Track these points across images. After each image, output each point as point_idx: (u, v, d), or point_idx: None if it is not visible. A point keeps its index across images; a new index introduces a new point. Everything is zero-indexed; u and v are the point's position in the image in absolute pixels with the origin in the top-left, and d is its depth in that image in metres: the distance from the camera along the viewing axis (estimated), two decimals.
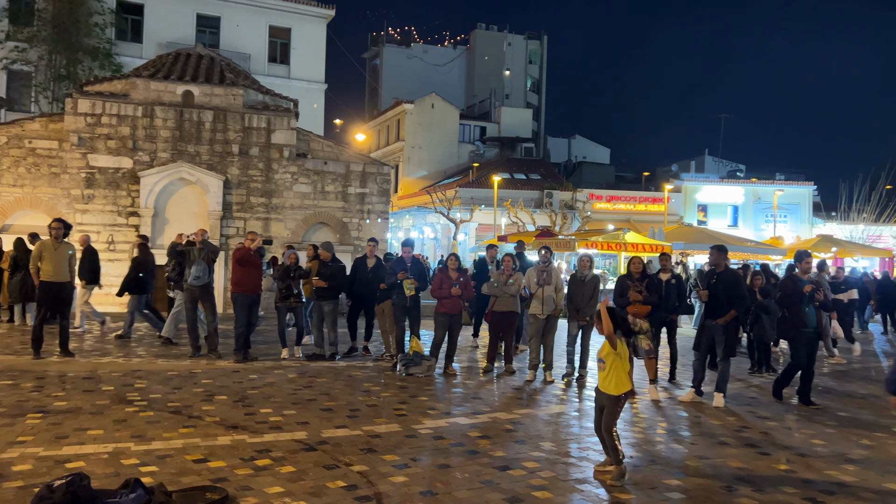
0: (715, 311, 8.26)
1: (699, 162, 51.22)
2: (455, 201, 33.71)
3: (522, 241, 13.62)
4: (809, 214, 41.33)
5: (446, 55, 58.74)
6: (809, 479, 5.46)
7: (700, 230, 31.51)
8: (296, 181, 18.14)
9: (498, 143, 48.38)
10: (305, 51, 30.22)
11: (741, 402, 8.49)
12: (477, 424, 6.86)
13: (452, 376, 9.39)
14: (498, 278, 9.73)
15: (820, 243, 27.86)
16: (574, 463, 5.72)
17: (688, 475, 5.46)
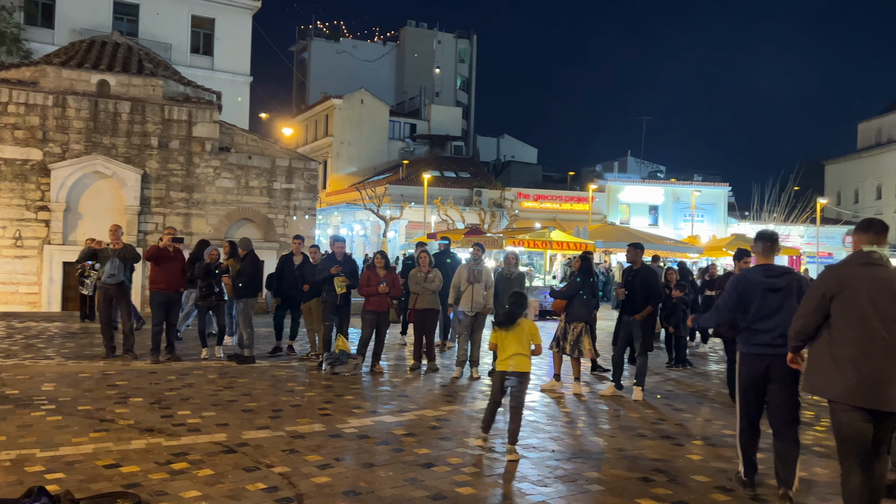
0: (632, 307, 8.50)
1: (622, 162, 52.79)
2: (385, 198, 33.56)
3: (449, 238, 13.68)
4: (724, 214, 43.24)
5: (376, 51, 58.39)
6: (721, 468, 5.69)
7: (622, 229, 32.52)
8: (218, 176, 17.63)
9: (428, 141, 48.47)
10: (230, 42, 29.39)
11: (658, 394, 8.78)
12: (403, 422, 6.84)
13: (379, 374, 9.33)
14: (416, 275, 9.73)
15: (734, 242, 29.17)
16: (498, 458, 5.78)
17: (607, 468, 5.61)
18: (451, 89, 59.69)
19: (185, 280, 10.10)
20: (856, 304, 4.00)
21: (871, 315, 3.95)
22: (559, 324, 8.95)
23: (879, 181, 55.72)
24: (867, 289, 3.99)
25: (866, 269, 4.06)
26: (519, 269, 9.90)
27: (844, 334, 4.02)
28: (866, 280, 4.01)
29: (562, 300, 8.86)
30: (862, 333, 3.97)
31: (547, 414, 7.49)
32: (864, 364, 3.92)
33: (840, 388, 3.99)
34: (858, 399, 3.93)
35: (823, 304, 4.11)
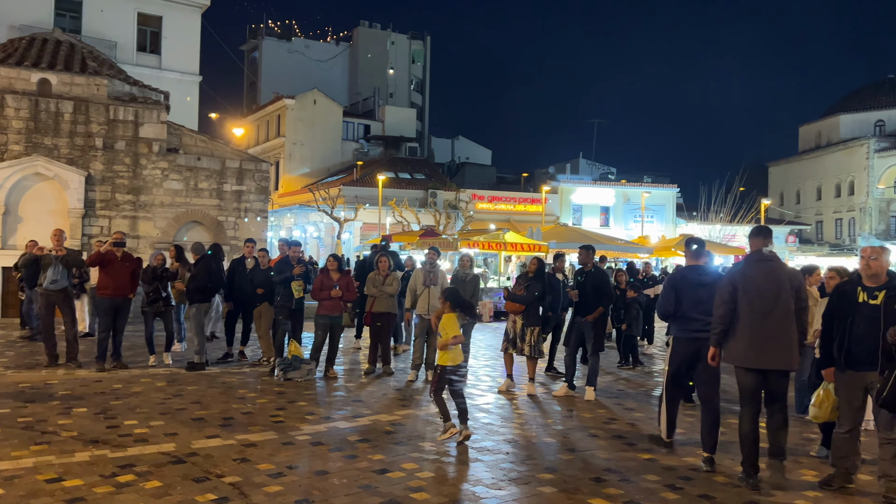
0: (584, 309, 8.63)
1: (574, 164, 53.50)
2: (339, 200, 33.28)
3: (389, 236, 13.67)
4: (673, 215, 44.27)
5: (329, 51, 57.87)
6: (670, 466, 5.82)
7: (574, 230, 32.97)
8: (166, 177, 17.22)
9: (382, 142, 48.27)
10: (178, 40, 28.70)
11: (610, 394, 8.93)
12: (357, 428, 6.79)
13: (333, 379, 9.25)
14: (374, 279, 9.69)
15: (682, 242, 29.85)
16: (452, 462, 5.79)
17: (559, 469, 5.67)
18: (406, 90, 59.58)
19: (135, 285, 9.83)
20: (749, 291, 5.31)
21: (757, 298, 5.26)
22: (509, 325, 8.95)
23: (819, 182, 57.80)
24: (757, 278, 5.32)
25: (759, 264, 5.39)
26: (474, 272, 9.94)
27: (742, 315, 5.33)
28: (758, 272, 5.34)
29: (518, 304, 8.88)
30: (751, 312, 5.28)
31: (501, 416, 7.54)
32: (751, 336, 5.28)
33: (737, 354, 5.38)
34: (747, 362, 5.33)
35: (733, 293, 5.37)
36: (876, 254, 5.12)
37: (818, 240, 54.88)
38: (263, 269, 10.24)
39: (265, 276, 10.07)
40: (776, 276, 5.34)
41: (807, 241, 51.69)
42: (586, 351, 8.85)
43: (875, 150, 52.44)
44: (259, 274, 10.21)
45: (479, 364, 10.85)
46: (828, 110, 60.97)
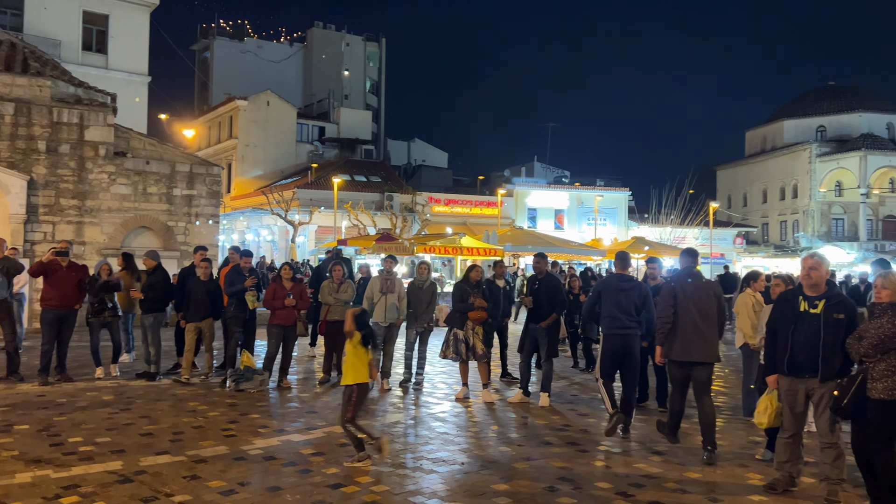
0: (538, 315, 8.71)
1: (529, 168, 54.04)
2: (293, 202, 32.91)
3: (345, 240, 13.61)
4: (625, 218, 45.08)
5: (282, 52, 57.20)
6: (622, 474, 5.91)
7: (530, 233, 33.28)
8: (114, 182, 16.76)
9: (337, 144, 47.93)
10: (126, 40, 27.97)
11: (564, 399, 9.03)
12: (311, 441, 6.71)
13: (287, 390, 9.13)
14: (329, 286, 9.61)
15: (635, 245, 30.46)
16: (408, 474, 5.77)
17: (514, 478, 5.71)
18: (361, 92, 59.28)
19: (81, 296, 9.53)
20: (684, 301, 6.48)
21: (690, 307, 6.44)
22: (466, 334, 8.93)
23: (765, 185, 59.60)
24: (690, 292, 6.52)
25: (691, 281, 6.63)
26: (431, 279, 9.94)
27: (679, 319, 6.45)
28: (690, 287, 6.55)
29: (483, 312, 8.89)
30: (684, 318, 6.44)
31: (457, 425, 7.55)
32: (683, 336, 6.42)
33: (673, 351, 6.49)
34: (680, 356, 6.46)
35: (673, 300, 6.50)
36: (816, 265, 5.30)
37: (764, 241, 56.57)
38: (205, 281, 9.67)
39: (208, 289, 9.57)
40: (704, 288, 6.62)
41: (753, 243, 53.22)
42: (540, 357, 8.94)
43: (817, 154, 54.32)
44: (199, 287, 9.57)
45: (435, 371, 10.86)
46: (773, 116, 62.92)
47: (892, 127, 57.27)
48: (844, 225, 54.00)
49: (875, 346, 4.74)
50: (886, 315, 4.82)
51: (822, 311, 5.16)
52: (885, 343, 4.73)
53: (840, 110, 57.26)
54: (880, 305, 4.90)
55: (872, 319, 4.90)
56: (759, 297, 7.87)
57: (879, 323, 4.81)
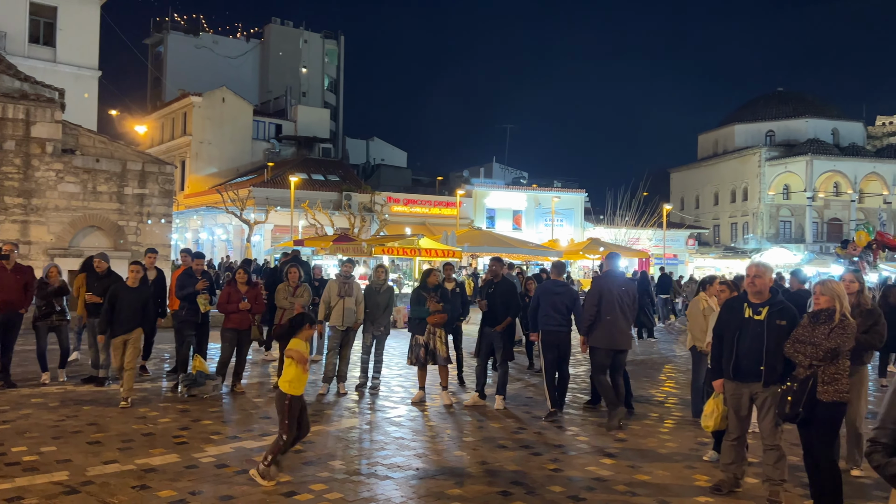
0: (493, 319, 8.79)
1: (488, 168, 54.33)
2: (249, 201, 32.47)
3: (302, 240, 13.52)
4: (582, 219, 45.69)
5: (239, 48, 56.30)
6: (573, 477, 6.01)
7: (488, 233, 33.45)
8: (61, 180, 16.29)
9: (295, 142, 47.40)
10: (75, 32, 27.16)
11: (519, 402, 9.13)
12: (264, 447, 6.59)
13: (241, 395, 9.02)
14: (285, 290, 9.52)
15: (590, 246, 30.92)
16: (362, 481, 5.77)
17: (468, 483, 5.76)
18: (319, 90, 58.73)
19: (28, 299, 9.23)
20: (608, 298, 7.75)
21: (614, 302, 7.73)
22: (427, 338, 8.96)
23: (716, 188, 61.08)
24: (613, 289, 7.83)
25: (614, 279, 8.01)
26: (388, 283, 9.92)
27: (603, 313, 7.71)
28: (613, 285, 7.89)
29: (444, 315, 8.92)
30: (611, 312, 7.71)
31: (412, 429, 7.57)
32: (608, 327, 7.73)
33: (600, 340, 7.79)
34: (606, 344, 7.78)
35: (598, 298, 7.75)
36: (759, 273, 5.47)
37: (715, 242, 57.98)
38: (134, 288, 8.53)
39: (139, 297, 8.51)
40: (624, 287, 8.00)
41: (705, 244, 54.50)
42: (496, 360, 9.02)
43: (766, 158, 55.91)
44: (128, 295, 8.40)
45: (391, 374, 10.85)
46: (724, 120, 64.51)
47: (837, 133, 59.32)
48: (792, 227, 55.71)
49: (829, 352, 4.94)
50: (830, 322, 5.02)
51: (766, 318, 5.35)
52: (837, 350, 4.95)
53: (788, 116, 59.07)
54: (826, 312, 5.11)
55: (817, 325, 5.09)
56: (711, 302, 8.07)
57: (828, 328, 5.01)
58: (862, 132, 63.04)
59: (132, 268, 8.75)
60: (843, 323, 5.04)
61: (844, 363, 5.04)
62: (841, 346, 4.97)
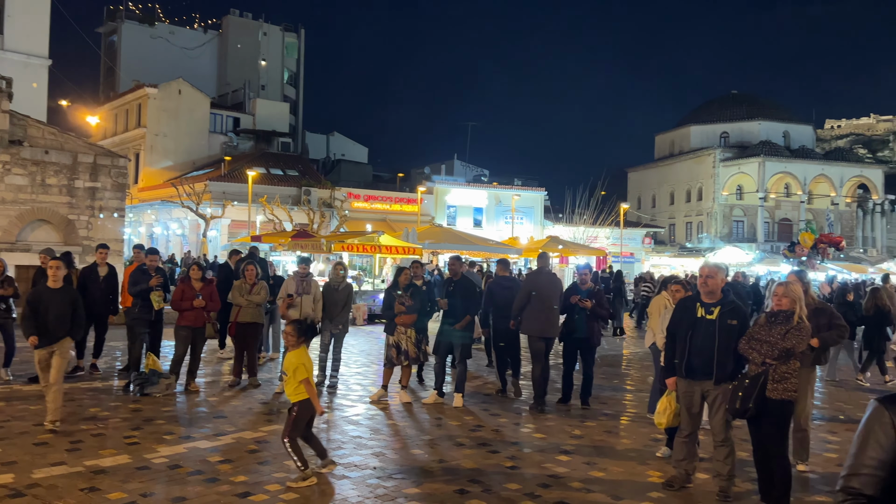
0: (453, 317, 8.81)
1: (449, 165, 54.37)
2: (205, 195, 31.88)
3: (259, 236, 13.34)
4: (541, 217, 46.08)
5: (196, 39, 55.17)
6: (530, 474, 6.07)
7: (449, 231, 33.48)
8: (8, 172, 15.75)
9: (253, 136, 46.71)
10: (23, 19, 26.25)
11: (478, 399, 9.17)
12: (219, 447, 6.54)
13: (195, 394, 8.86)
14: (241, 287, 9.38)
15: (550, 243, 31.21)
16: (317, 481, 5.72)
17: (426, 482, 5.76)
18: (278, 83, 57.96)
19: None
20: (541, 291, 8.74)
21: (545, 296, 8.72)
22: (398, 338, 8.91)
23: (672, 188, 62.25)
24: (544, 285, 8.84)
25: (544, 273, 9.09)
26: (347, 281, 9.86)
27: (535, 304, 8.69)
28: (543, 280, 8.94)
29: (413, 315, 8.89)
30: (539, 304, 8.69)
31: (371, 428, 7.54)
32: (539, 318, 8.72)
33: (533, 329, 8.77)
34: (539, 333, 8.74)
35: (531, 291, 8.77)
36: (712, 273, 5.60)
37: (671, 241, 59.12)
38: (58, 290, 7.20)
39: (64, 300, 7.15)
40: (553, 283, 9.02)
41: (661, 243, 55.54)
42: (455, 358, 9.05)
43: (720, 159, 57.19)
44: (54, 298, 7.09)
45: (350, 372, 10.79)
46: (681, 121, 65.76)
47: (788, 135, 61.02)
48: (744, 227, 57.14)
49: (783, 352, 5.09)
50: (787, 323, 5.17)
51: (717, 318, 5.47)
52: (791, 350, 5.09)
53: (742, 118, 60.53)
54: (784, 313, 5.25)
55: (773, 325, 5.23)
56: (671, 301, 8.20)
57: (784, 329, 5.15)
58: (812, 135, 65.00)
59: (51, 264, 7.29)
60: (799, 325, 5.19)
61: (795, 363, 5.19)
62: (795, 346, 5.12)
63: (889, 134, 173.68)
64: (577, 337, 8.85)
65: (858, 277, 33.00)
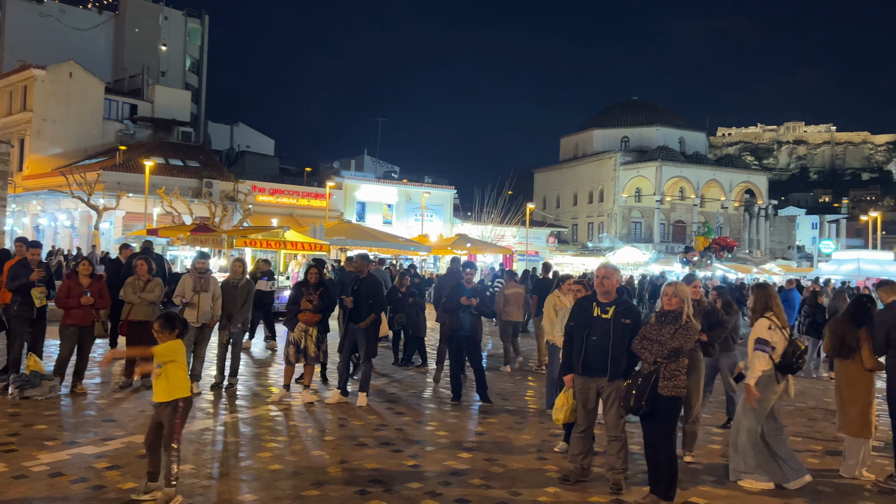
0: (358, 315, 8.73)
1: (359, 161, 53.92)
2: (97, 185, 30.18)
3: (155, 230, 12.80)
4: (451, 215, 46.51)
5: (89, 19, 51.99)
6: (431, 472, 6.10)
7: (358, 227, 33.19)
8: None
9: (151, 124, 44.59)
10: None
11: (383, 398, 9.14)
12: (106, 453, 6.20)
13: (82, 396, 8.35)
14: (134, 284, 8.92)
15: (458, 242, 31.52)
16: (213, 485, 5.53)
17: (326, 483, 5.68)
18: (180, 70, 55.54)
19: None
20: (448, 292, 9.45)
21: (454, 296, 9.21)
22: (298, 335, 8.74)
23: (576, 189, 64.30)
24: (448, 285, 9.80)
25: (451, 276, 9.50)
26: (246, 277, 9.57)
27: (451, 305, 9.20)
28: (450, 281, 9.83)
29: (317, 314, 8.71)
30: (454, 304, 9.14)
31: (271, 429, 7.36)
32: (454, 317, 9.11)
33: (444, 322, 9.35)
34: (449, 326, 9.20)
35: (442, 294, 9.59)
36: (608, 274, 5.81)
37: (573, 241, 61.07)
38: None
39: None
40: (455, 283, 9.46)
41: (564, 242, 57.27)
42: (359, 357, 8.97)
43: (621, 162, 59.57)
44: None
45: (250, 372, 10.50)
46: (584, 125, 68.00)
47: (683, 141, 64.29)
48: (642, 228, 59.77)
49: (672, 351, 5.32)
50: (676, 322, 5.42)
51: (612, 317, 5.68)
52: (680, 349, 5.34)
53: (641, 123, 63.27)
54: (673, 313, 5.50)
55: (664, 325, 5.47)
56: (563, 299, 8.45)
57: (673, 329, 5.39)
58: (705, 142, 68.77)
59: None
60: (687, 325, 5.45)
61: (683, 361, 5.46)
62: (683, 345, 5.38)
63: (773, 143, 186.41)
64: (463, 335, 9.14)
65: (743, 277, 35.24)
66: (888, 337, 6.23)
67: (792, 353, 6.00)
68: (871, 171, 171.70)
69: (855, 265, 31.57)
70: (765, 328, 6.08)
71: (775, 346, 6.01)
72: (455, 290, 9.30)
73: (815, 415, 9.46)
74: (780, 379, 6.06)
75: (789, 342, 6.06)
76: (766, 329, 6.07)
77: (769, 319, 6.10)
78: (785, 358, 6.00)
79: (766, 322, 6.10)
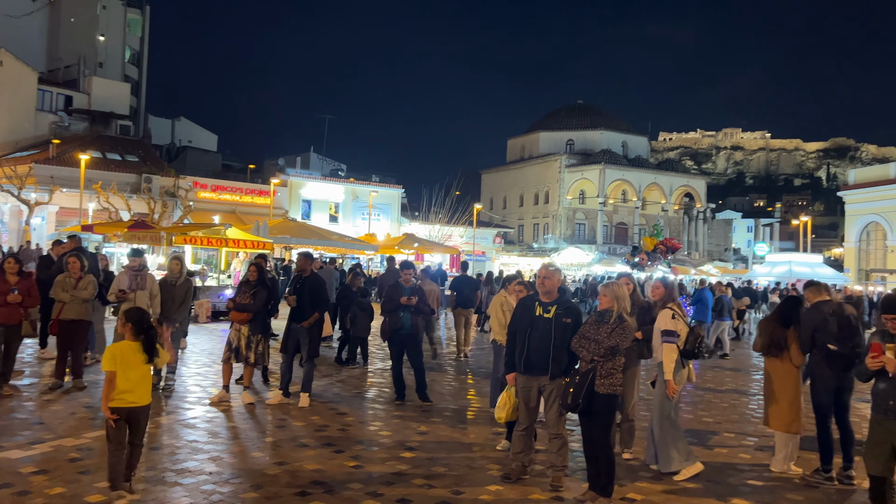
0: (300, 315, 8.61)
1: (305, 158, 53.27)
2: (29, 179, 28.95)
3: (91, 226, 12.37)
4: (398, 214, 46.38)
5: (21, 6, 49.72)
6: (373, 472, 6.06)
7: (303, 225, 32.73)
8: None
9: (88, 117, 43.00)
10: None
11: (326, 399, 9.03)
12: (34, 457, 5.95)
13: (8, 398, 7.98)
14: (65, 282, 8.59)
15: (406, 241, 31.45)
16: (147, 489, 5.36)
17: (265, 485, 5.58)
18: (119, 62, 53.73)
19: None
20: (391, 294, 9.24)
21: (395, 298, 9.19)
22: (233, 335, 8.58)
23: (522, 191, 64.97)
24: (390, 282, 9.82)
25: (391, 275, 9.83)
26: (185, 276, 9.32)
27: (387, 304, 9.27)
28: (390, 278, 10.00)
29: (246, 313, 8.52)
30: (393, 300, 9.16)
31: (209, 431, 7.18)
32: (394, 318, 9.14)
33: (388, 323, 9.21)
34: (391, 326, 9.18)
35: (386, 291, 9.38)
36: (549, 274, 5.89)
37: (519, 241, 61.71)
38: None
39: None
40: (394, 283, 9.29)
41: (510, 242, 57.83)
42: (302, 357, 8.85)
43: (566, 165, 60.48)
44: None
45: (189, 373, 10.24)
46: (531, 127, 68.78)
47: (626, 145, 65.72)
48: (585, 229, 60.81)
49: (608, 349, 5.42)
50: (613, 322, 5.52)
51: (553, 316, 5.76)
52: (616, 348, 5.44)
53: (586, 127, 64.41)
54: (608, 312, 5.60)
55: (601, 324, 5.57)
56: (510, 299, 8.50)
57: (609, 328, 5.48)
58: (647, 146, 70.38)
59: None
60: (621, 324, 5.56)
61: (620, 360, 5.57)
62: (619, 344, 5.49)
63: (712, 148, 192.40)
64: (404, 333, 9.16)
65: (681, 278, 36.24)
66: (813, 336, 6.51)
67: (694, 340, 6.31)
68: (802, 178, 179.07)
69: (787, 267, 32.86)
70: (668, 318, 6.33)
71: (679, 333, 6.28)
72: (394, 289, 9.25)
73: (747, 408, 9.79)
74: (684, 364, 6.35)
75: (690, 330, 6.34)
76: (669, 319, 6.32)
77: (671, 309, 6.36)
78: (688, 344, 6.30)
79: (669, 312, 6.35)
